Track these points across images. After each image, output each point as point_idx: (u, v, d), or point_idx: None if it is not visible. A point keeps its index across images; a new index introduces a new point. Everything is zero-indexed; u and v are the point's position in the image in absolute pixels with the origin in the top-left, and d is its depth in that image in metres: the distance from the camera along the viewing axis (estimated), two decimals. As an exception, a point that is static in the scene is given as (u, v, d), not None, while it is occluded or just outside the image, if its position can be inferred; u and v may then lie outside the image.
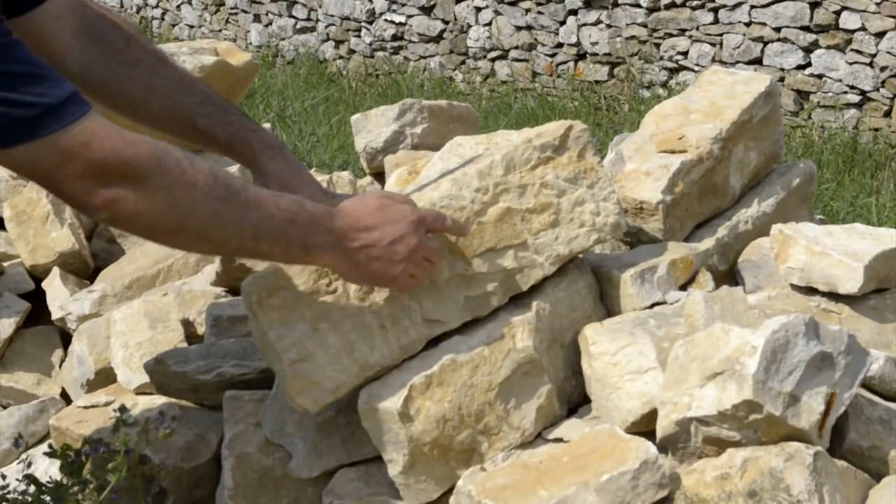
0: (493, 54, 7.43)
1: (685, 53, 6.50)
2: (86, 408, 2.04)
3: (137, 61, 1.70)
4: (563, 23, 7.01)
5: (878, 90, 5.77)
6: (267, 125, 2.91)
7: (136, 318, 2.14)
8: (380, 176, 2.54)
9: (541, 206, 1.63)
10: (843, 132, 5.72)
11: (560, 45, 7.06)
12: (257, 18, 9.00)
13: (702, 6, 6.37)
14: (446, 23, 7.68)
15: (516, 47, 7.30)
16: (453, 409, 1.54)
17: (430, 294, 1.58)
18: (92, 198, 1.34)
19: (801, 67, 6.02)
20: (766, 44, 6.13)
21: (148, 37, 1.88)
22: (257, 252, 1.49)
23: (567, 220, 1.65)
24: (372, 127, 2.52)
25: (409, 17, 7.87)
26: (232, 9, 9.22)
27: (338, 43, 8.39)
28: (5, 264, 2.50)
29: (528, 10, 7.18)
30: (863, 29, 5.75)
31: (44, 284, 2.48)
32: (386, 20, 8.00)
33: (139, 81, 1.69)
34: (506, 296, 1.62)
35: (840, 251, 1.74)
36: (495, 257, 1.61)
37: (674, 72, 6.55)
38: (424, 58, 7.84)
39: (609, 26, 6.80)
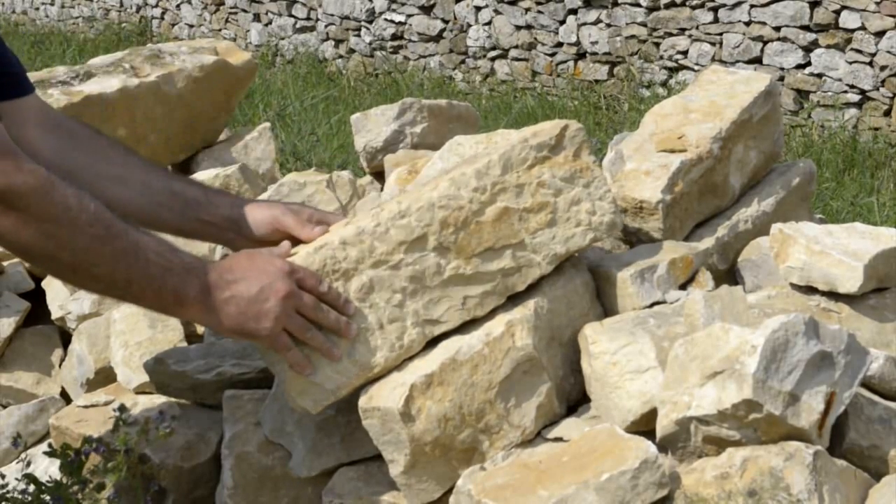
0: (493, 53, 7.43)
1: (685, 53, 6.50)
2: (85, 407, 2.04)
3: (108, 153, 1.74)
4: (562, 22, 7.01)
5: (877, 89, 5.77)
6: (266, 124, 2.90)
7: (136, 318, 2.14)
8: (379, 175, 2.54)
9: (538, 205, 1.63)
10: (843, 131, 5.72)
11: (560, 45, 7.06)
12: (257, 18, 9.00)
13: (701, 5, 6.37)
14: (446, 22, 7.68)
15: (516, 46, 7.30)
16: (454, 409, 1.54)
17: (429, 294, 1.58)
18: None
19: (800, 67, 6.02)
20: (765, 43, 6.13)
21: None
22: (129, 294, 1.51)
23: (564, 219, 1.65)
24: (372, 126, 2.52)
25: (409, 16, 7.87)
26: (232, 8, 9.22)
27: (337, 42, 8.39)
28: (5, 264, 2.50)
29: (527, 10, 7.18)
30: (862, 28, 5.75)
31: (44, 284, 2.48)
32: (386, 19, 8.00)
33: (108, 174, 1.72)
34: (504, 295, 1.63)
35: (840, 250, 1.74)
36: (493, 257, 1.61)
37: (674, 71, 6.55)
38: (424, 57, 7.84)
39: (609, 25, 6.80)
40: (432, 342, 1.60)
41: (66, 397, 2.32)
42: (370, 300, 1.56)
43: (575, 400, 1.67)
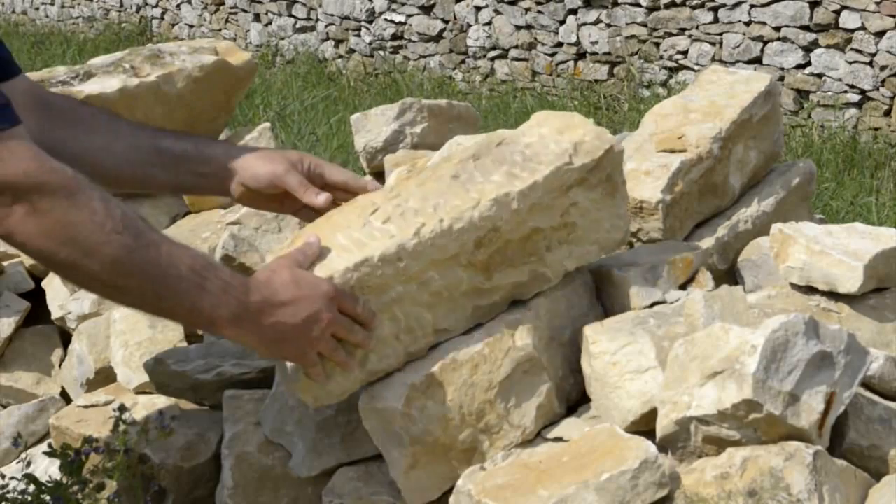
0: (493, 53, 7.43)
1: (685, 53, 6.50)
2: (85, 407, 2.05)
3: (91, 122, 1.70)
4: (562, 22, 7.01)
5: (877, 89, 5.77)
6: (266, 124, 2.90)
7: (136, 318, 2.14)
8: (379, 175, 2.54)
9: (564, 225, 1.62)
10: (843, 131, 5.72)
11: (560, 45, 7.06)
12: (257, 18, 9.00)
13: (701, 5, 6.37)
14: (446, 22, 7.68)
15: (516, 46, 7.30)
16: (454, 409, 1.54)
17: (446, 306, 1.57)
18: None
19: (800, 67, 6.02)
20: (765, 43, 6.13)
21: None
22: (159, 309, 1.44)
23: (583, 238, 1.64)
24: (371, 126, 2.52)
25: (409, 16, 7.87)
26: (232, 8, 9.22)
27: (337, 42, 8.39)
28: (5, 264, 2.50)
29: (527, 10, 7.18)
30: (862, 28, 5.75)
31: (44, 284, 2.48)
32: (386, 19, 8.00)
33: (94, 144, 1.67)
34: (508, 302, 1.62)
35: (840, 250, 1.74)
36: (512, 272, 1.60)
37: (673, 71, 6.55)
38: (424, 57, 7.84)
39: (609, 25, 6.80)
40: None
41: (66, 397, 2.32)
42: (393, 312, 1.54)
43: (575, 400, 1.67)
